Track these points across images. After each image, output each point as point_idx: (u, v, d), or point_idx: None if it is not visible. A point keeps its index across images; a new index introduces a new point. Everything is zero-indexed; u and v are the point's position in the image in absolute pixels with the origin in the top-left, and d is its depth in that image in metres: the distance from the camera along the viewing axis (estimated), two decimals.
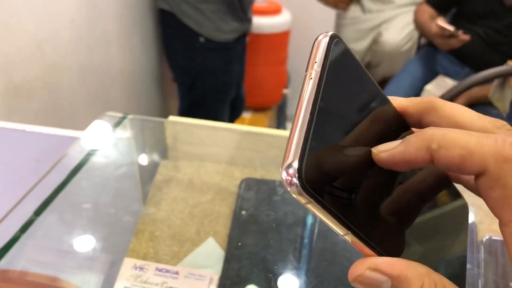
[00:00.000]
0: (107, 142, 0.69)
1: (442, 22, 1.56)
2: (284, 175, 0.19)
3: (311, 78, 0.21)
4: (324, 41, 0.22)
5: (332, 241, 0.58)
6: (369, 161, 0.22)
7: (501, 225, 0.20)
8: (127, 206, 0.64)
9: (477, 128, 0.22)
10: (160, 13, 1.56)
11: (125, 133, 0.69)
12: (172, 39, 1.59)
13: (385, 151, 0.22)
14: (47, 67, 1.14)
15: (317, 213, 0.20)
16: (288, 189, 0.19)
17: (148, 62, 1.73)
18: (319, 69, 0.21)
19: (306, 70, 0.22)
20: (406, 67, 1.81)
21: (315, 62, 0.22)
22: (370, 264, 0.21)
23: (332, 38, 0.22)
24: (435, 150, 0.20)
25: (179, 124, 0.73)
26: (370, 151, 0.22)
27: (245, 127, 0.72)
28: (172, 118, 0.71)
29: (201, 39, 1.51)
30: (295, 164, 0.19)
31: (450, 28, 1.53)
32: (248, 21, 1.62)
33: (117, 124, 0.68)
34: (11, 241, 0.54)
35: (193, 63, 1.58)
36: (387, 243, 0.22)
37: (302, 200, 0.19)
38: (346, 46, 0.23)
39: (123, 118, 0.68)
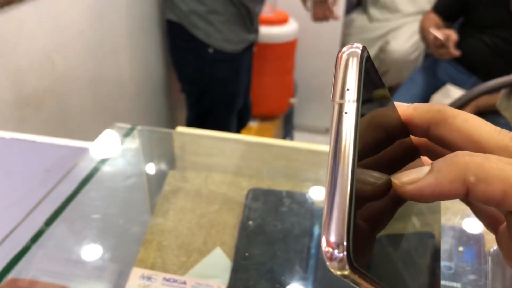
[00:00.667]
0: (116, 152, 0.70)
1: (434, 31, 1.56)
2: (327, 250, 0.16)
3: (347, 113, 0.17)
4: (355, 60, 0.18)
5: None
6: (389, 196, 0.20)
7: None
8: (135, 216, 0.65)
9: (496, 146, 0.20)
10: (168, 24, 1.57)
11: (133, 143, 0.70)
12: (180, 51, 1.60)
13: (411, 182, 0.19)
14: (57, 78, 1.16)
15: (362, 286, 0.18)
16: (332, 266, 0.17)
17: (156, 73, 1.74)
18: (355, 99, 0.18)
19: (334, 98, 0.18)
20: (413, 76, 1.81)
21: (347, 89, 0.18)
22: None
23: (362, 53, 0.18)
24: (473, 183, 0.18)
25: (187, 135, 0.74)
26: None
27: (252, 137, 0.73)
28: (180, 128, 0.72)
29: (210, 50, 1.53)
30: (344, 243, 0.16)
31: (441, 37, 1.52)
32: (256, 31, 1.64)
33: (126, 134, 0.69)
34: (22, 251, 0.54)
35: (201, 74, 1.59)
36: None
37: (347, 276, 0.17)
38: (371, 59, 0.19)
39: (132, 129, 0.69)
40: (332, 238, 0.16)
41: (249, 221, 0.63)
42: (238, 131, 1.86)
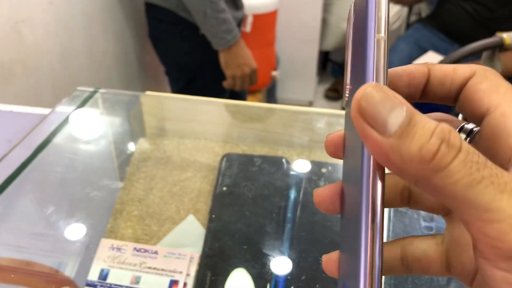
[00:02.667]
0: (77, 118, 0.66)
1: None
2: None
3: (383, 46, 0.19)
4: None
5: (314, 212, 0.56)
6: None
7: (490, 112, 0.20)
8: (103, 185, 0.62)
9: None
10: (148, 7, 1.50)
11: (97, 107, 0.66)
12: (165, 34, 1.52)
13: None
14: (26, 50, 1.11)
15: None
16: None
17: (130, 47, 1.69)
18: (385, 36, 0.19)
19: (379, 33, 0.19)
20: (395, 46, 1.79)
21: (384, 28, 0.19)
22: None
23: None
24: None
25: (157, 99, 0.71)
26: None
27: (225, 101, 0.69)
28: (149, 93, 0.68)
29: (201, 33, 1.47)
30: None
31: None
32: (243, 7, 1.58)
33: (88, 98, 0.65)
34: None
35: (192, 58, 1.53)
36: None
37: None
38: None
39: (94, 92, 0.65)
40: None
41: (223, 187, 0.61)
42: None
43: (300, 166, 0.62)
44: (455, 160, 0.16)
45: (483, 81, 0.20)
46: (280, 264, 0.53)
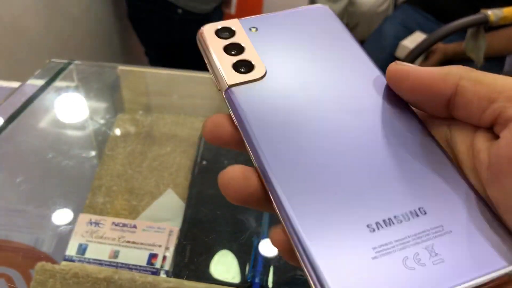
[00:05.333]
0: (49, 91, 0.64)
1: None
2: None
3: None
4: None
5: None
6: None
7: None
8: (81, 161, 0.61)
9: None
10: None
11: (71, 81, 0.65)
12: (144, 14, 1.50)
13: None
14: (4, 27, 1.08)
15: None
16: None
17: (114, 28, 1.66)
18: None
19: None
20: (381, 27, 1.78)
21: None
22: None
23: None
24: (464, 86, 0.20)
25: (134, 73, 0.69)
26: None
27: (204, 74, 0.68)
28: (126, 67, 0.67)
29: (179, 11, 1.45)
30: None
31: None
32: None
33: (61, 70, 0.63)
34: None
35: (170, 37, 1.51)
36: None
37: None
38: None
39: (68, 64, 0.64)
40: None
41: (203, 162, 0.60)
42: None
43: None
44: None
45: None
46: (261, 237, 0.53)
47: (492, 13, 1.01)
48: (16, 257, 0.56)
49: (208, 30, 0.26)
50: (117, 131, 0.63)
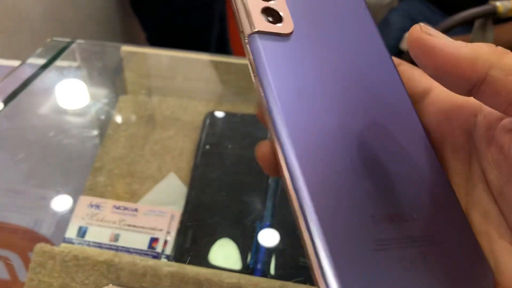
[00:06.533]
0: (53, 70, 0.62)
1: None
2: None
3: None
4: None
5: None
6: None
7: None
8: (82, 142, 0.60)
9: None
10: None
11: (73, 61, 0.63)
12: (147, 0, 1.49)
13: (432, 34, 0.19)
14: (6, 11, 1.07)
15: None
16: None
17: (116, 14, 1.64)
18: None
19: None
20: (387, 18, 1.76)
21: None
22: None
23: None
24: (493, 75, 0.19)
25: (138, 55, 0.68)
26: None
27: (209, 56, 0.67)
28: (129, 48, 0.66)
29: None
30: None
31: None
32: None
33: (63, 49, 0.62)
34: None
35: (172, 23, 1.50)
36: None
37: None
38: None
39: (70, 42, 0.62)
40: None
41: (206, 146, 0.59)
42: None
43: None
44: None
45: (413, 68, 0.22)
46: (264, 222, 0.52)
47: (501, 4, 1.00)
48: (14, 239, 0.55)
49: None
50: (119, 113, 0.62)
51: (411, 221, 0.18)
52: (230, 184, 0.56)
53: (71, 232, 0.54)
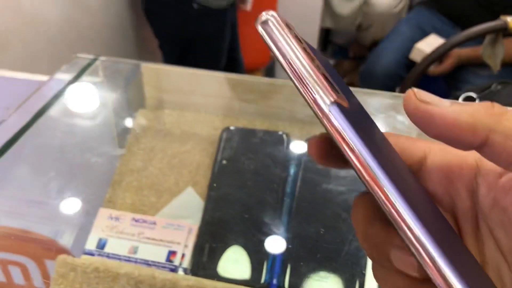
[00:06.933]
0: (76, 86, 0.64)
1: None
2: None
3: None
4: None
5: (314, 187, 0.56)
6: None
7: None
8: (101, 154, 0.61)
9: None
10: None
11: (96, 75, 0.65)
12: (159, 7, 1.51)
13: (429, 102, 0.19)
14: (24, 18, 1.09)
15: None
16: None
17: (129, 21, 1.66)
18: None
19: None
20: (397, 27, 1.77)
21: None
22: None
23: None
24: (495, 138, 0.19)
25: (157, 71, 0.69)
26: None
27: (227, 74, 0.68)
28: (149, 63, 0.67)
29: (195, 5, 1.45)
30: None
31: None
32: None
33: (88, 66, 0.64)
34: None
35: (184, 31, 1.52)
36: None
37: None
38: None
39: (94, 60, 0.64)
40: None
41: (223, 161, 0.60)
42: None
43: (301, 142, 0.62)
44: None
45: (399, 136, 0.22)
46: (279, 238, 0.53)
47: None
48: (33, 248, 0.57)
49: (283, 19, 0.21)
50: (139, 128, 0.64)
51: None
52: (246, 199, 0.57)
53: (91, 244, 0.55)
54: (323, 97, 0.18)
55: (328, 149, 0.21)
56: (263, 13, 0.20)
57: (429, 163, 0.22)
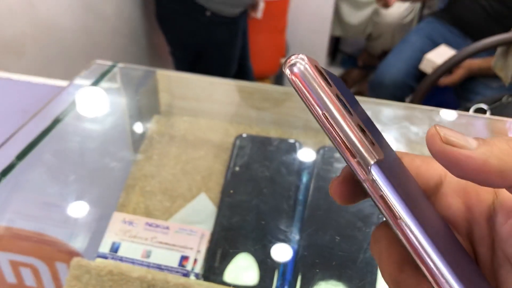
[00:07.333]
0: (95, 92, 0.66)
1: None
2: None
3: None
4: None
5: (326, 196, 0.57)
6: None
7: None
8: (116, 159, 0.62)
9: None
10: None
11: (114, 82, 0.66)
12: (172, 14, 1.53)
13: (455, 144, 0.18)
14: (39, 24, 1.10)
15: None
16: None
17: (140, 27, 1.68)
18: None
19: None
20: (407, 37, 1.77)
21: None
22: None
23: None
24: None
25: (172, 77, 0.70)
26: None
27: (241, 82, 0.69)
28: (165, 70, 0.68)
29: (208, 13, 1.47)
30: None
31: None
32: None
33: (106, 72, 0.65)
34: None
35: (197, 38, 1.54)
36: None
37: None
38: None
39: (113, 66, 0.65)
40: None
41: (236, 168, 0.61)
42: None
43: (314, 150, 0.62)
44: None
45: (413, 159, 0.21)
46: (290, 245, 0.54)
47: None
48: (45, 250, 0.58)
49: (315, 67, 0.18)
50: (153, 133, 0.65)
51: None
52: (258, 206, 0.57)
53: (105, 247, 0.56)
54: (364, 160, 0.18)
55: (351, 190, 0.21)
56: (292, 56, 0.18)
57: (445, 189, 0.22)
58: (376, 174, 0.18)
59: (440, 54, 1.50)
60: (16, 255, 0.57)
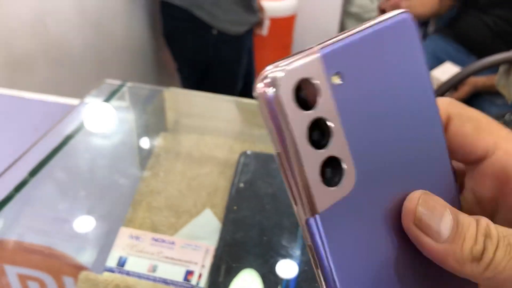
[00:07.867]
0: (105, 109, 0.68)
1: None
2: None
3: None
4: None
5: None
6: None
7: (489, 154, 0.20)
8: (124, 175, 0.64)
9: None
10: (164, 6, 1.53)
11: (123, 101, 0.68)
12: (179, 32, 1.56)
13: (434, 237, 0.18)
14: (50, 41, 1.14)
15: None
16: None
17: (149, 45, 1.72)
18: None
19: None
20: None
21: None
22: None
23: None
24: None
25: (179, 95, 0.72)
26: None
27: (246, 100, 0.71)
28: (172, 89, 0.70)
29: (214, 32, 1.50)
30: None
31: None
32: (256, 11, 1.62)
33: (115, 91, 0.67)
34: (5, 200, 0.53)
35: (203, 56, 1.57)
36: None
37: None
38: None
39: (122, 85, 0.67)
40: None
41: (240, 184, 0.62)
42: None
43: None
44: (497, 251, 0.18)
45: (464, 123, 0.20)
46: (294, 261, 0.55)
47: None
48: (53, 264, 0.59)
49: (285, 91, 0.16)
50: (160, 150, 0.66)
51: None
52: (262, 222, 0.59)
53: (112, 261, 0.57)
54: (304, 210, 0.17)
55: None
56: (269, 68, 0.16)
57: (486, 167, 0.21)
58: (310, 227, 0.17)
59: (445, 71, 1.52)
60: (24, 269, 0.58)
